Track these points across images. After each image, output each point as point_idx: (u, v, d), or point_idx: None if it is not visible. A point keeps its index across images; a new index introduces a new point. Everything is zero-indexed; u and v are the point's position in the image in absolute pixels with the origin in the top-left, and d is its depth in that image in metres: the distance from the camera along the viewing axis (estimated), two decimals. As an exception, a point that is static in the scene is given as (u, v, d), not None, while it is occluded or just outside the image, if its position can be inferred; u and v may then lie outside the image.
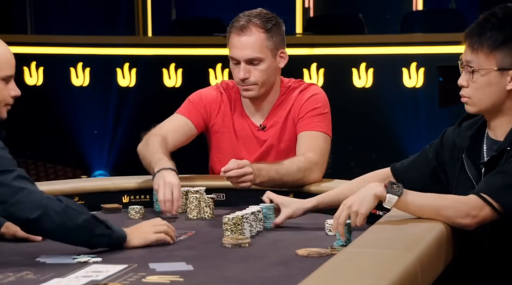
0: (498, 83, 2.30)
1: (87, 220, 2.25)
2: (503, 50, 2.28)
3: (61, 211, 2.21)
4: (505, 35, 2.27)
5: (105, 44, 7.60)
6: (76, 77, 7.37)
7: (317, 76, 6.88)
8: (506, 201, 2.19)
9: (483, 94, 2.31)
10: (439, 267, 2.10)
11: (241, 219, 2.48)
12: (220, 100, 3.25)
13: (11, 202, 2.16)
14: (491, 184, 2.22)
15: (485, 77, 2.30)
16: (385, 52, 6.94)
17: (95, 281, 1.98)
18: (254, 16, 3.12)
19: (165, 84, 7.26)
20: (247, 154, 3.22)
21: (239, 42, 3.10)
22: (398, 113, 6.76)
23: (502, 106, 2.32)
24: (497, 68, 2.29)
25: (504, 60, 2.28)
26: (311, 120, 3.15)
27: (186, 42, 7.45)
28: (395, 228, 2.21)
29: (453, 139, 2.46)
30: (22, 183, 2.19)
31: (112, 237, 2.30)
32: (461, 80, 2.35)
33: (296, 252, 2.28)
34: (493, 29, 2.28)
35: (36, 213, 2.17)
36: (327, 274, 1.73)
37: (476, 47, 2.30)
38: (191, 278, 2.01)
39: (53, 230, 2.22)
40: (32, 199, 2.18)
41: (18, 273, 2.07)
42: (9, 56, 2.39)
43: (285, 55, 3.19)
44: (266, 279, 2.00)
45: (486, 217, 2.20)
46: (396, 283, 1.68)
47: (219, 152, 3.27)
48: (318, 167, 3.06)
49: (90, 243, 2.28)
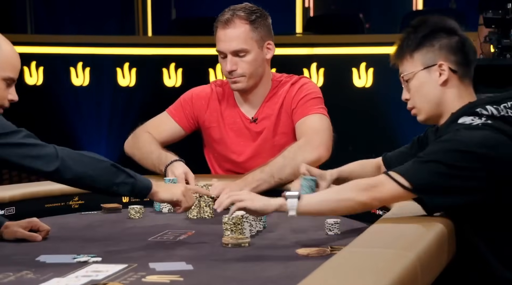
0: (429, 81, 2.39)
1: (106, 167, 2.32)
2: (422, 50, 2.39)
3: (79, 160, 2.29)
4: (420, 35, 2.40)
5: (105, 43, 7.59)
6: (76, 77, 7.37)
7: (317, 76, 6.88)
8: (412, 175, 2.22)
9: (422, 97, 2.41)
10: (439, 266, 2.10)
11: (241, 218, 2.48)
12: (209, 96, 3.30)
13: (29, 158, 2.23)
14: (404, 165, 2.28)
15: (415, 80, 2.41)
16: (385, 52, 6.93)
17: (95, 281, 1.98)
18: (239, 9, 3.18)
19: (165, 84, 7.26)
20: (240, 147, 3.24)
21: (225, 35, 3.15)
22: (398, 112, 6.75)
23: (444, 105, 2.39)
24: (422, 67, 2.39)
25: (425, 58, 2.39)
26: (304, 107, 3.18)
27: (186, 42, 7.45)
28: (395, 227, 2.21)
29: (430, 136, 2.55)
30: (33, 140, 2.26)
31: (136, 186, 2.36)
32: (403, 95, 2.47)
33: (296, 251, 2.28)
34: (409, 35, 2.42)
35: (54, 165, 2.25)
36: (327, 273, 1.73)
37: (400, 57, 2.43)
38: (191, 278, 2.01)
39: (72, 179, 2.31)
40: (48, 152, 2.25)
41: (18, 272, 2.07)
42: (14, 60, 2.41)
43: (272, 46, 3.23)
44: (266, 279, 2.00)
45: (389, 193, 2.23)
46: (396, 283, 1.68)
47: (212, 146, 3.32)
48: (310, 145, 3.05)
49: (112, 191, 2.36)
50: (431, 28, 2.40)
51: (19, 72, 2.44)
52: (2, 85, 2.38)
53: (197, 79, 6.93)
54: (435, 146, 2.28)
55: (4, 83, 2.38)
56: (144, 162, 3.17)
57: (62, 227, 2.73)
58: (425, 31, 2.40)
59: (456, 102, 2.38)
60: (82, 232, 2.68)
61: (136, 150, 3.21)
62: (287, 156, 3.03)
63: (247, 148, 3.24)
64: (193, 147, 3.36)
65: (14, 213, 2.81)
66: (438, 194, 2.22)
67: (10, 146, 2.23)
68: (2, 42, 2.40)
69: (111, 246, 2.40)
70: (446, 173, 2.20)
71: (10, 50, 2.41)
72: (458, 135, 2.25)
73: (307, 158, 3.01)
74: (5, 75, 2.38)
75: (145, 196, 2.42)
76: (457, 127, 2.29)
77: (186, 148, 3.28)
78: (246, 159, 3.24)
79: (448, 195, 2.22)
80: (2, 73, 2.37)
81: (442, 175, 2.21)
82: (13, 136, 2.24)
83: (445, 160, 2.21)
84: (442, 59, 2.38)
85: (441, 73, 2.38)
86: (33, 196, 2.90)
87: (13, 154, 2.23)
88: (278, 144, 3.21)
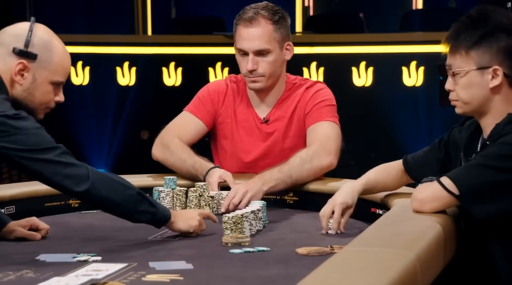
0: (479, 82, 2.31)
1: (132, 195, 2.34)
2: (479, 49, 2.29)
3: (107, 185, 2.30)
4: (480, 33, 2.29)
5: (104, 43, 7.59)
6: (76, 76, 7.37)
7: (317, 75, 6.88)
8: (460, 179, 2.24)
9: (468, 95, 2.33)
10: (439, 265, 2.10)
11: (241, 217, 2.48)
12: (225, 92, 3.29)
13: (61, 176, 2.24)
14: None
15: (466, 78, 2.32)
16: (385, 51, 6.93)
17: (95, 280, 1.98)
18: (262, 8, 3.16)
19: (165, 83, 7.25)
20: (249, 146, 3.23)
21: (248, 34, 3.13)
22: (398, 112, 6.76)
23: (489, 105, 2.33)
24: (476, 67, 2.30)
25: (481, 58, 2.30)
26: (318, 113, 3.17)
27: (186, 41, 7.44)
28: (394, 226, 2.21)
29: (456, 138, 2.49)
30: (68, 158, 2.27)
31: (156, 215, 2.38)
32: (447, 85, 2.39)
33: (296, 250, 2.28)
34: (468, 29, 2.31)
35: (84, 186, 2.25)
36: (327, 272, 1.73)
37: (453, 49, 2.33)
38: (191, 277, 2.01)
39: (99, 202, 2.32)
40: (80, 173, 2.26)
41: (18, 271, 2.07)
42: (66, 64, 2.42)
43: (291, 47, 3.23)
44: (266, 278, 2.00)
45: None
46: (396, 282, 1.68)
47: (221, 142, 3.30)
48: (324, 151, 3.05)
49: (133, 218, 2.38)
50: (492, 27, 2.29)
51: (68, 74, 2.45)
52: (50, 88, 2.39)
53: (197, 78, 6.94)
54: (492, 148, 2.26)
55: (52, 86, 2.39)
56: (178, 169, 3.13)
57: (62, 226, 2.73)
58: (485, 29, 2.29)
59: (502, 106, 2.32)
60: (82, 231, 2.68)
61: (169, 157, 3.13)
62: (305, 158, 3.01)
63: (256, 148, 3.23)
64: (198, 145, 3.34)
65: (14, 211, 2.81)
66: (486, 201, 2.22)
67: (45, 162, 2.23)
68: (54, 45, 2.39)
69: (111, 245, 2.40)
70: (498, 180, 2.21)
71: (61, 54, 2.40)
72: None
73: (322, 163, 3.03)
74: (54, 79, 2.38)
75: (163, 225, 2.43)
76: None
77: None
78: (254, 159, 3.22)
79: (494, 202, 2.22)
80: (51, 77, 2.37)
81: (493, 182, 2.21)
82: (50, 152, 2.24)
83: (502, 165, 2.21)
84: (498, 63, 2.29)
85: (493, 76, 2.29)
86: (33, 195, 2.90)
87: (47, 170, 2.24)
88: (288, 146, 3.19)
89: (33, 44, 2.33)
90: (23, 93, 2.35)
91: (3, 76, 2.31)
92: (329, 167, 3.06)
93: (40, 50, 2.34)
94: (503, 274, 2.28)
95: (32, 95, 2.36)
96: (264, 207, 2.67)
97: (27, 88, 2.35)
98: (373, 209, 2.76)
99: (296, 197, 3.02)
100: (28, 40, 2.32)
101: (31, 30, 2.34)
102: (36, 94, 2.36)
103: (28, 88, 2.35)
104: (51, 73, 2.37)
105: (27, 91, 2.35)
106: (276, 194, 3.00)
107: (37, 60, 2.34)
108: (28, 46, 2.32)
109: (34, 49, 2.33)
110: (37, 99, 2.37)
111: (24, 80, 2.34)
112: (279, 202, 3.00)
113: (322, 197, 2.92)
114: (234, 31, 3.19)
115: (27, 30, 2.33)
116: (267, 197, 2.92)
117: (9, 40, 2.33)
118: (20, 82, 2.33)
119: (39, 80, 2.35)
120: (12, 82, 2.33)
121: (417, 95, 6.75)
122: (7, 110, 2.22)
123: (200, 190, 2.88)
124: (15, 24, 2.38)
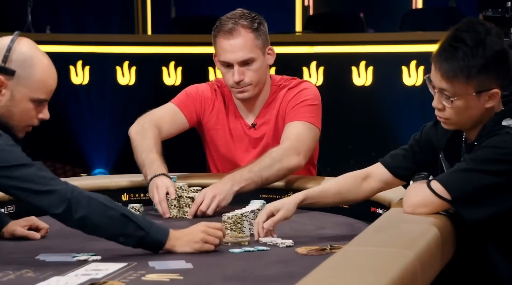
0: (476, 105, 2.28)
1: (115, 216, 2.20)
2: (480, 77, 2.23)
3: (86, 206, 2.17)
4: (480, 63, 2.22)
5: (104, 42, 7.58)
6: (76, 76, 7.36)
7: (316, 75, 6.87)
8: (451, 184, 2.24)
9: (462, 116, 2.29)
10: (438, 265, 2.10)
11: (241, 217, 2.48)
12: (214, 98, 3.27)
13: (35, 197, 2.15)
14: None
15: (463, 101, 2.26)
16: (384, 51, 6.93)
17: (95, 280, 1.98)
18: (239, 17, 3.13)
19: (165, 82, 7.25)
20: (242, 153, 3.23)
21: (230, 45, 3.10)
22: (397, 111, 6.75)
23: (480, 120, 2.32)
24: (475, 92, 2.26)
25: (481, 84, 2.25)
26: (297, 112, 3.15)
27: (186, 41, 7.43)
28: (394, 226, 2.21)
29: (431, 137, 2.47)
30: (43, 177, 2.16)
31: (145, 240, 2.21)
32: (436, 103, 2.31)
33: (296, 250, 2.29)
34: (465, 58, 2.22)
35: (61, 207, 2.15)
36: (326, 272, 1.73)
37: (451, 76, 2.24)
38: (191, 276, 2.01)
39: (78, 224, 2.20)
40: (56, 193, 2.15)
41: (18, 271, 2.07)
42: (49, 81, 2.31)
43: (273, 51, 3.22)
44: (265, 278, 2.00)
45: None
46: (395, 281, 1.68)
47: (215, 149, 3.29)
48: (293, 151, 3.02)
49: (120, 241, 2.23)
50: (491, 53, 2.23)
51: (52, 92, 2.33)
52: (30, 106, 2.29)
53: (197, 77, 6.90)
54: (482, 152, 2.24)
55: (32, 103, 2.29)
56: (137, 157, 3.05)
57: (62, 226, 2.72)
58: (485, 58, 2.23)
59: (490, 113, 2.31)
60: (82, 230, 2.67)
61: (139, 140, 3.08)
62: (275, 157, 2.99)
63: (249, 154, 3.22)
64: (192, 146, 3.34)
65: (14, 211, 2.81)
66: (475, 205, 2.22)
67: (18, 180, 2.14)
68: (36, 62, 2.28)
69: (111, 244, 2.39)
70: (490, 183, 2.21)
71: (44, 71, 2.29)
72: (507, 141, 2.22)
73: (291, 163, 3.01)
74: (34, 96, 2.28)
75: (158, 250, 2.24)
76: (506, 130, 2.25)
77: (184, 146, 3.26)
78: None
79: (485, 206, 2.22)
80: (31, 94, 2.28)
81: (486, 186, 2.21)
82: (22, 169, 2.14)
83: (492, 168, 2.20)
84: (497, 86, 2.26)
85: (490, 97, 2.26)
86: (33, 194, 2.89)
87: (20, 189, 2.15)
88: None
89: (11, 60, 2.24)
90: (1, 110, 2.26)
91: None
92: (298, 167, 3.04)
93: (18, 66, 2.25)
94: (503, 275, 2.28)
95: (10, 112, 2.27)
96: (264, 206, 2.67)
97: (5, 105, 2.26)
98: (373, 209, 2.76)
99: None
100: (6, 56, 2.24)
101: (11, 46, 2.25)
102: (14, 111, 2.27)
103: (6, 105, 2.26)
104: (31, 90, 2.27)
105: (5, 108, 2.26)
106: (276, 194, 2.99)
107: (15, 77, 2.24)
108: (6, 62, 2.24)
109: (12, 65, 2.24)
110: (17, 116, 2.28)
111: (2, 96, 2.25)
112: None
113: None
114: (214, 43, 3.16)
115: (7, 45, 2.25)
116: (266, 196, 2.92)
117: None
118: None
119: (17, 97, 2.26)
120: None
121: (417, 95, 6.75)
122: None
123: (179, 191, 2.87)
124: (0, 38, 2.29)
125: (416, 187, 2.33)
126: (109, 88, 7.42)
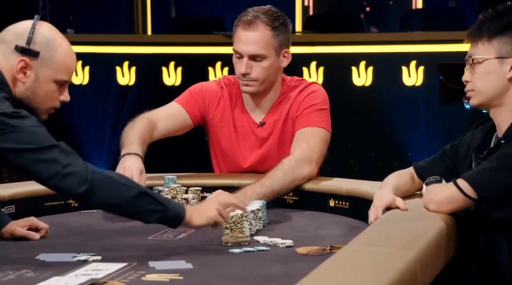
0: (497, 71, 2.34)
1: (135, 195, 2.22)
2: (502, 38, 2.33)
3: (107, 186, 2.20)
4: (503, 23, 2.34)
5: (104, 42, 7.59)
6: (76, 76, 7.37)
7: (316, 75, 6.88)
8: (478, 183, 2.24)
9: (485, 83, 2.36)
10: (438, 265, 2.10)
11: (241, 217, 2.48)
12: (220, 95, 3.25)
13: (58, 177, 2.16)
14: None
15: (485, 65, 2.35)
16: (384, 51, 6.93)
17: (95, 280, 1.98)
18: (263, 13, 3.12)
19: (165, 82, 7.26)
20: (245, 151, 3.22)
21: (245, 37, 3.10)
22: (397, 111, 6.75)
23: (504, 97, 2.35)
24: (496, 56, 2.34)
25: (502, 48, 2.33)
26: (307, 117, 3.13)
27: (186, 41, 7.44)
28: (394, 226, 2.21)
29: (469, 140, 2.50)
30: (67, 157, 2.19)
31: (166, 215, 2.26)
32: (465, 76, 2.41)
33: (296, 250, 2.28)
34: (492, 19, 2.35)
35: (82, 188, 2.17)
36: (326, 272, 1.73)
37: (476, 38, 2.37)
38: (191, 276, 2.01)
39: (99, 204, 2.24)
40: (78, 174, 2.17)
41: (18, 271, 2.07)
42: (70, 63, 2.37)
43: (289, 55, 3.18)
44: (265, 277, 2.00)
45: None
46: (395, 281, 1.68)
47: (219, 147, 3.27)
48: (305, 161, 2.99)
49: (141, 219, 2.27)
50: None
51: (72, 74, 2.40)
52: (54, 87, 2.34)
53: (197, 77, 6.90)
54: (508, 150, 2.25)
55: (56, 85, 2.34)
56: (121, 144, 3.02)
57: (62, 226, 2.73)
58: (510, 20, 2.34)
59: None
60: (82, 230, 2.68)
61: (126, 130, 3.04)
62: (287, 170, 2.95)
63: (253, 153, 3.21)
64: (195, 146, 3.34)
65: (13, 211, 2.81)
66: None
67: (40, 162, 2.16)
68: (58, 44, 2.35)
69: (111, 244, 2.40)
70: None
71: (65, 53, 2.36)
72: None
73: (304, 173, 2.98)
74: (58, 78, 2.34)
75: (177, 224, 2.30)
76: None
77: (187, 146, 3.26)
78: (251, 164, 3.20)
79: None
80: (54, 76, 2.33)
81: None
82: (45, 152, 2.17)
83: None
84: None
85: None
86: (33, 194, 2.90)
87: (43, 170, 2.16)
88: (284, 150, 3.16)
89: (35, 41, 2.31)
90: (26, 92, 2.32)
91: (6, 75, 2.29)
92: (310, 177, 3.01)
93: (42, 48, 2.31)
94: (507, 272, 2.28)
95: (34, 94, 2.32)
96: (264, 206, 2.67)
97: (30, 87, 2.32)
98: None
99: (296, 197, 3.02)
100: (30, 38, 2.30)
101: (34, 28, 2.31)
102: (39, 93, 2.33)
103: (30, 87, 2.32)
104: (54, 72, 2.33)
105: (30, 89, 2.32)
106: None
107: (39, 58, 2.31)
108: (30, 43, 2.30)
109: (36, 47, 2.31)
110: (40, 98, 2.34)
111: (27, 78, 2.31)
112: (279, 202, 2.99)
113: (322, 196, 2.93)
114: (233, 32, 3.16)
115: (30, 28, 2.31)
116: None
117: (12, 38, 2.31)
118: (22, 80, 2.31)
119: (41, 78, 2.32)
120: (14, 80, 2.30)
121: (417, 95, 6.75)
122: (5, 109, 2.19)
123: (173, 192, 2.87)
124: (19, 23, 2.36)
125: (438, 185, 2.35)
126: (109, 88, 7.42)
